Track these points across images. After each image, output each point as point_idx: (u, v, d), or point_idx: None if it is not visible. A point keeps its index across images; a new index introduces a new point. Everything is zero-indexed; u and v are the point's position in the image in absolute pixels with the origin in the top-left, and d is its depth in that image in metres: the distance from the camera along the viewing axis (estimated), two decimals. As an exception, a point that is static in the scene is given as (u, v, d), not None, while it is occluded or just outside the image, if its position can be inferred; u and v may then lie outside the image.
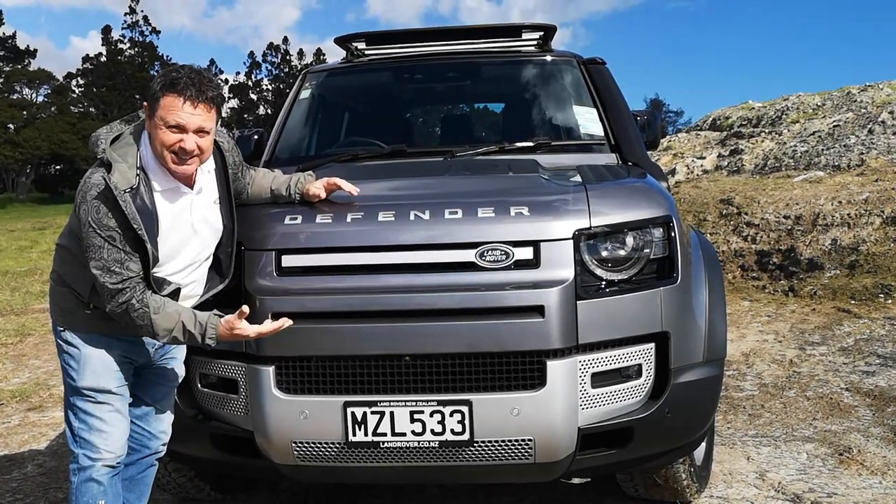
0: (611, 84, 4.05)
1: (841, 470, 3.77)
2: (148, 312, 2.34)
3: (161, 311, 2.35)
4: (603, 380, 2.57)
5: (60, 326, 2.52)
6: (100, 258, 2.29)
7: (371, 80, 4.64)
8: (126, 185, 2.30)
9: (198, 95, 2.32)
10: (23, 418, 5.16)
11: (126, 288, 2.31)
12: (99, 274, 2.30)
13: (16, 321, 8.65)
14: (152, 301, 2.35)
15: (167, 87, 2.31)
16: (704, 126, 15.91)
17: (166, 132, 2.32)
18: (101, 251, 2.28)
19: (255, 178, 2.85)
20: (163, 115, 2.31)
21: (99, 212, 2.27)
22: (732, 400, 4.97)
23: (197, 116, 2.33)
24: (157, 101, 2.33)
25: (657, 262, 2.68)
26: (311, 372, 2.54)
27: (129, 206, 2.28)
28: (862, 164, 10.57)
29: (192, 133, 2.33)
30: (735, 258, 8.94)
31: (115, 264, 2.29)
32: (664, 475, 3.09)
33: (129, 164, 2.34)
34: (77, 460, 2.49)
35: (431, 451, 2.51)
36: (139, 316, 2.33)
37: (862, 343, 6.14)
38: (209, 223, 2.54)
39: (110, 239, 2.28)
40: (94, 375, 2.47)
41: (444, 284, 2.52)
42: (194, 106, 2.32)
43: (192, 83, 2.31)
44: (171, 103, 2.31)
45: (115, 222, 2.28)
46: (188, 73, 2.34)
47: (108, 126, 2.47)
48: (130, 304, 2.32)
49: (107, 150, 2.34)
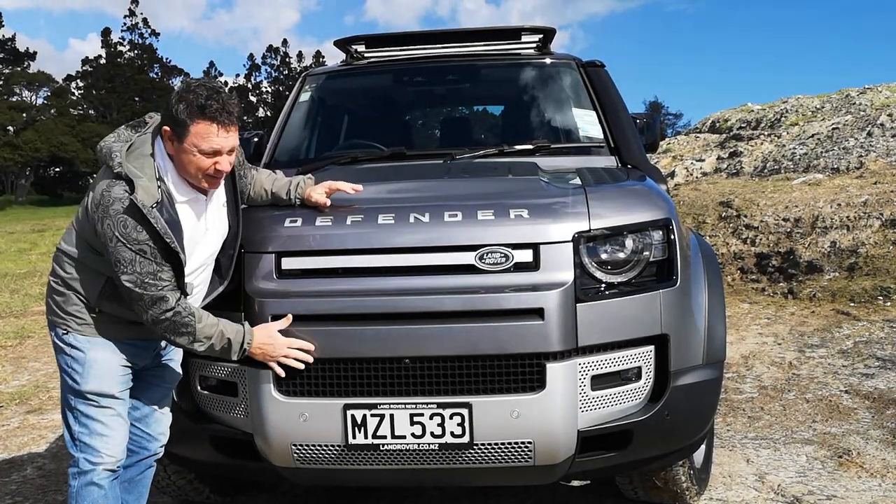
0: (610, 87, 4.06)
1: (840, 472, 3.77)
2: (193, 321, 2.37)
3: (203, 319, 2.40)
4: (602, 382, 2.57)
5: (62, 329, 2.48)
6: (133, 272, 2.29)
7: (371, 83, 4.64)
8: (151, 200, 2.29)
9: (229, 118, 2.33)
10: (22, 421, 5.16)
11: (166, 297, 2.32)
12: (132, 287, 2.30)
13: (15, 323, 8.64)
14: (197, 312, 2.39)
15: (197, 114, 2.30)
16: (703, 128, 15.93)
17: (201, 158, 2.33)
18: (134, 265, 2.28)
19: (256, 178, 2.85)
20: (196, 143, 2.31)
21: (126, 226, 2.26)
22: (732, 402, 4.97)
23: (230, 139, 2.36)
24: (186, 128, 2.31)
25: (657, 265, 2.68)
26: (311, 374, 2.54)
27: (160, 221, 2.28)
28: (861, 166, 10.58)
29: (226, 154, 2.36)
30: (734, 260, 8.94)
31: (149, 276, 2.30)
32: (664, 478, 3.09)
33: (148, 176, 2.33)
34: (77, 464, 2.47)
35: (431, 453, 2.50)
36: (184, 324, 2.36)
37: (861, 345, 6.14)
38: (217, 226, 2.55)
39: (142, 252, 2.28)
40: (97, 379, 2.45)
41: (444, 287, 2.52)
42: (227, 130, 2.34)
43: (222, 108, 2.31)
44: (204, 130, 2.31)
45: (146, 235, 2.28)
46: (211, 94, 2.31)
47: (114, 134, 2.45)
48: (177, 313, 2.34)
49: (124, 164, 2.31)
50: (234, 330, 2.44)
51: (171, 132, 2.34)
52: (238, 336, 2.44)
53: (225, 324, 2.44)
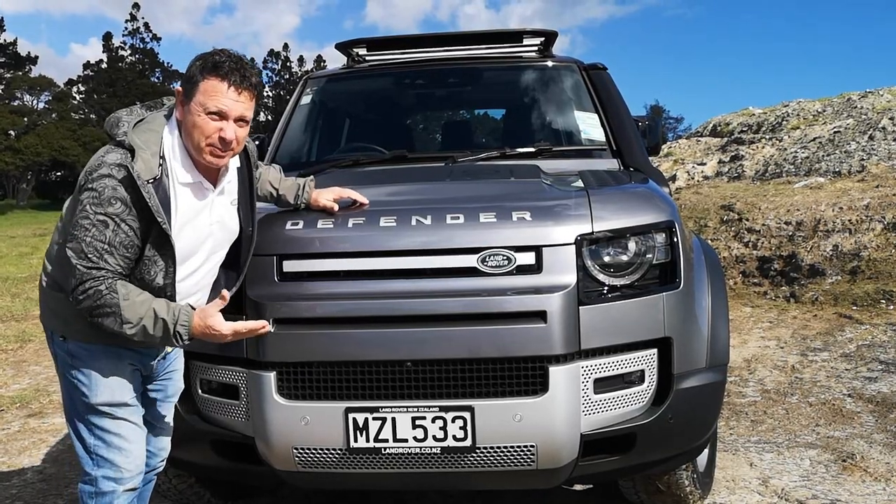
0: (612, 89, 4.05)
1: (844, 476, 3.76)
2: (116, 299, 2.10)
3: (131, 297, 2.12)
4: (605, 385, 2.55)
5: (60, 336, 2.32)
6: (80, 239, 2.09)
7: (372, 86, 4.64)
8: (150, 175, 2.13)
9: (242, 81, 2.18)
10: (23, 424, 5.14)
11: (98, 277, 2.10)
12: (72, 256, 2.09)
13: (16, 327, 8.65)
14: (121, 287, 2.12)
15: (209, 70, 2.16)
16: (705, 132, 15.92)
17: (205, 119, 2.17)
18: (87, 232, 2.08)
19: (263, 175, 2.76)
20: (203, 101, 2.16)
21: (104, 192, 2.08)
22: (735, 406, 4.95)
23: (240, 104, 2.20)
24: (196, 85, 2.17)
25: (660, 268, 2.67)
26: (313, 378, 2.53)
27: (153, 197, 2.11)
28: (863, 170, 10.57)
29: (233, 121, 2.20)
30: (736, 264, 8.93)
31: (94, 252, 2.08)
32: (667, 481, 3.08)
33: (152, 151, 2.17)
34: (95, 483, 2.31)
35: (433, 457, 2.49)
36: (106, 303, 2.10)
37: (864, 349, 6.12)
38: (225, 225, 2.41)
39: (102, 223, 2.08)
40: (108, 389, 2.30)
41: (446, 290, 2.51)
42: (238, 92, 2.18)
43: (237, 68, 2.17)
44: (213, 87, 2.16)
45: (119, 208, 2.09)
46: (230, 56, 2.19)
47: (128, 109, 2.29)
48: (97, 291, 2.09)
49: (128, 134, 2.16)
50: (167, 310, 2.16)
51: (183, 92, 2.21)
52: (172, 317, 2.15)
53: (160, 304, 2.16)
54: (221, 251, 2.45)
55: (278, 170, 2.86)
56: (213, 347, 2.61)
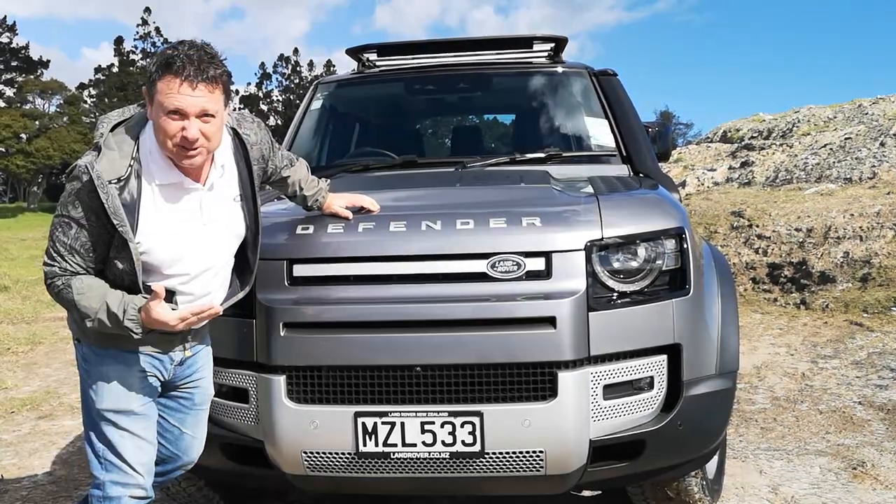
0: (622, 95, 4.05)
1: (854, 484, 3.73)
2: (72, 294, 2.13)
3: (85, 292, 2.13)
4: (615, 392, 2.55)
5: (76, 339, 2.34)
6: (50, 237, 2.15)
7: (382, 91, 4.65)
8: (113, 175, 2.09)
9: (196, 75, 2.07)
10: (33, 426, 5.17)
11: (59, 274, 2.15)
12: (45, 253, 2.16)
13: (27, 329, 8.69)
14: (77, 282, 2.14)
15: (163, 68, 2.07)
16: (715, 138, 15.89)
17: (167, 120, 2.08)
18: (55, 231, 2.14)
19: (297, 169, 2.73)
20: (161, 101, 2.07)
21: (70, 194, 2.10)
22: (744, 413, 4.93)
23: (198, 99, 2.08)
24: (154, 84, 2.08)
25: (669, 274, 2.66)
26: (322, 382, 2.54)
27: (112, 198, 2.07)
28: (874, 176, 10.53)
29: (195, 118, 2.09)
30: (746, 270, 8.90)
31: (56, 251, 2.14)
32: (676, 488, 3.07)
33: (122, 153, 2.13)
34: (103, 488, 2.28)
35: (442, 462, 2.49)
36: (65, 298, 2.15)
37: (875, 356, 6.09)
38: (228, 224, 2.34)
39: (65, 224, 2.12)
40: (114, 396, 2.28)
41: (456, 295, 2.51)
42: (192, 87, 2.07)
43: (190, 61, 2.06)
44: (168, 86, 2.06)
45: (79, 212, 2.09)
46: (185, 50, 2.09)
47: (120, 110, 2.26)
48: (57, 287, 2.15)
49: (104, 135, 2.14)
50: (119, 304, 2.14)
51: (147, 94, 2.14)
52: (121, 309, 2.13)
53: (114, 297, 2.14)
54: (230, 251, 2.39)
55: (307, 168, 2.82)
56: (224, 351, 2.63)
